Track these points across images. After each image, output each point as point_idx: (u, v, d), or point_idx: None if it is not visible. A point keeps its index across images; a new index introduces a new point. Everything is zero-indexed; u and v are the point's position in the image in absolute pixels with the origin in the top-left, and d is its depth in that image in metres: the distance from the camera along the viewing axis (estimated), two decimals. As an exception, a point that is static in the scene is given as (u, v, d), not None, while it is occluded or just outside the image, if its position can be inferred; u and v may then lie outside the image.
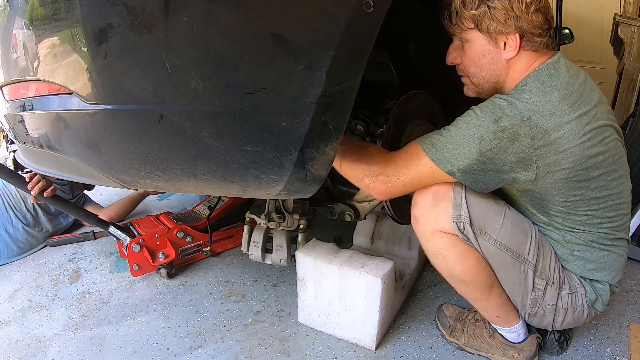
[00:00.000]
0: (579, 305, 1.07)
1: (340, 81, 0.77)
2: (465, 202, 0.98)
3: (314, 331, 1.36)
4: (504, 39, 0.95)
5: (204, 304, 1.52)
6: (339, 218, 1.26)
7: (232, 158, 0.79)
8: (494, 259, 1.02)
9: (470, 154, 0.91)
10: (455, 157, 0.92)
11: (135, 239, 1.65)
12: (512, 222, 1.02)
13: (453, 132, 0.93)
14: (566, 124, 0.89)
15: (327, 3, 0.73)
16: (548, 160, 0.91)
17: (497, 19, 0.93)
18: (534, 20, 0.93)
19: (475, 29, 0.96)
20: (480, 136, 0.90)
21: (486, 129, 0.90)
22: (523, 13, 0.92)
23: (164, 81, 0.73)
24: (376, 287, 1.19)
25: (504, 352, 1.18)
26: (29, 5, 0.80)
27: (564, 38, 2.73)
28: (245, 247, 1.48)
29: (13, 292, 1.67)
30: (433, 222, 1.01)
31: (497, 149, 0.90)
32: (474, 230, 0.99)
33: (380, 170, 0.99)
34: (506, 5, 0.92)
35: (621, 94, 3.19)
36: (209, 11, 0.69)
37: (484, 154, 0.90)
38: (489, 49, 0.98)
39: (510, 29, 0.93)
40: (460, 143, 0.92)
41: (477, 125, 0.91)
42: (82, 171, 0.94)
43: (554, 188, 0.96)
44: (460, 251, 1.01)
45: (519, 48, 0.95)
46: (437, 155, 0.94)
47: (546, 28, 0.95)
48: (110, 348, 1.32)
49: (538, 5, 0.93)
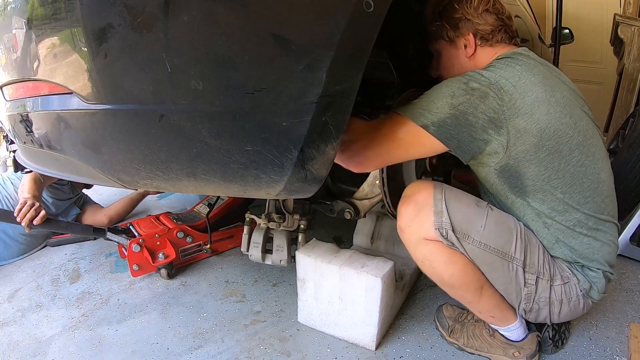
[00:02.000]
0: (574, 295, 1.08)
1: (341, 81, 0.77)
2: (445, 208, 1.01)
3: (314, 331, 1.36)
4: (463, 41, 1.11)
5: (204, 304, 1.52)
6: (339, 216, 1.26)
7: (232, 158, 0.79)
8: (481, 260, 1.03)
9: (442, 108, 0.96)
10: (428, 110, 0.97)
11: (135, 239, 1.65)
12: (495, 222, 1.04)
13: (426, 93, 1.00)
14: (531, 92, 0.96)
15: (327, 3, 0.73)
16: (517, 124, 0.95)
17: (453, 25, 1.10)
18: (484, 20, 1.08)
19: (440, 39, 1.14)
20: (451, 92, 0.96)
21: (457, 87, 0.97)
22: (472, 16, 1.08)
23: (164, 81, 0.73)
24: (376, 287, 1.19)
25: (505, 351, 1.18)
26: (29, 5, 0.80)
27: (564, 38, 2.73)
28: (245, 248, 1.48)
29: (13, 292, 1.67)
30: (417, 231, 1.04)
31: (468, 104, 0.95)
32: (457, 235, 1.01)
33: (353, 138, 1.01)
34: (458, 13, 1.08)
35: (621, 94, 3.19)
36: (209, 11, 0.69)
37: (456, 107, 0.95)
38: (453, 52, 1.14)
39: (464, 31, 1.10)
40: (432, 99, 0.98)
41: (447, 85, 0.99)
42: (82, 171, 0.94)
43: (526, 158, 0.99)
44: (446, 256, 1.03)
45: (475, 46, 1.10)
46: (410, 111, 0.99)
47: (499, 25, 1.09)
48: (110, 348, 1.32)
49: (486, 7, 1.08)
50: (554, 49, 2.57)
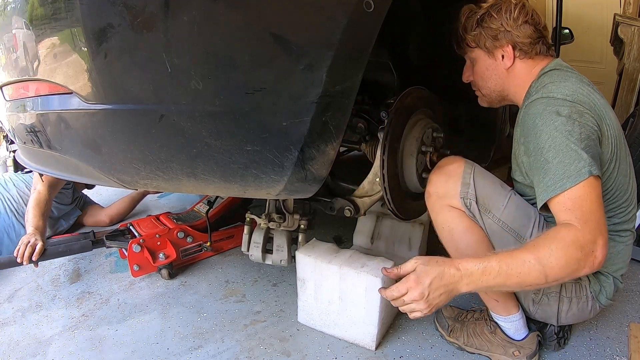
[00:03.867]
0: (583, 295, 1.09)
1: (341, 81, 0.77)
2: (472, 182, 1.05)
3: (314, 331, 1.36)
4: (500, 52, 1.09)
5: (204, 304, 1.52)
6: (339, 213, 1.26)
7: (232, 158, 0.79)
8: (497, 237, 1.06)
9: (576, 150, 0.89)
10: (571, 163, 0.88)
11: (135, 239, 1.65)
12: (516, 206, 1.06)
13: (551, 155, 0.91)
14: (595, 99, 0.97)
15: (327, 3, 0.73)
16: (604, 131, 0.96)
17: (491, 36, 1.08)
18: (523, 32, 1.06)
19: (476, 47, 1.12)
20: (565, 132, 0.90)
21: (559, 124, 0.92)
22: (512, 27, 1.05)
23: (164, 81, 0.73)
24: (376, 287, 1.18)
25: (505, 350, 1.18)
26: (29, 5, 0.80)
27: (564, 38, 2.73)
28: (246, 248, 1.48)
29: (13, 292, 1.67)
30: (443, 197, 1.08)
31: (579, 127, 0.91)
32: (479, 208, 1.04)
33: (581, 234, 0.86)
34: (497, 24, 1.06)
35: (621, 94, 3.19)
36: (209, 11, 0.69)
37: (581, 139, 0.90)
38: (490, 62, 1.12)
39: (503, 43, 1.08)
40: (563, 154, 0.90)
41: (552, 132, 0.92)
42: (82, 171, 0.94)
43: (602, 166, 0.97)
44: (466, 225, 1.07)
45: (513, 57, 1.08)
46: (564, 180, 0.89)
47: (537, 37, 1.07)
48: (110, 348, 1.32)
49: (525, 18, 1.05)
50: (554, 49, 2.57)
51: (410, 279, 0.90)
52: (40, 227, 1.69)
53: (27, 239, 1.59)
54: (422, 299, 0.88)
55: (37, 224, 1.70)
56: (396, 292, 0.91)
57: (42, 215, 1.75)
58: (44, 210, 1.78)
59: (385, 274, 0.99)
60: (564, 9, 2.30)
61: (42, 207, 1.78)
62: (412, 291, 0.89)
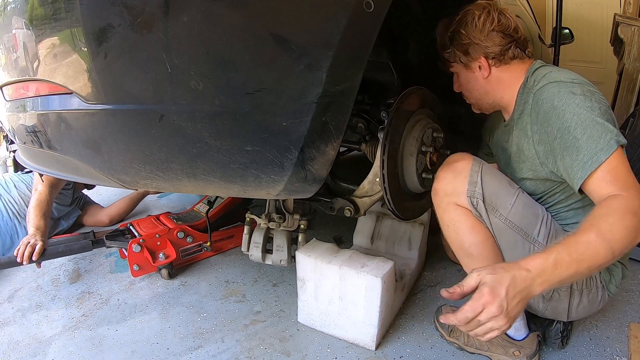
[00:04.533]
0: (594, 286, 1.09)
1: (341, 81, 0.77)
2: (480, 180, 1.04)
3: (314, 331, 1.36)
4: (476, 64, 1.12)
5: (204, 304, 1.52)
6: (339, 213, 1.26)
7: (232, 158, 0.79)
8: (504, 236, 1.05)
9: (602, 123, 0.91)
10: (605, 133, 0.90)
11: (135, 239, 1.65)
12: (524, 205, 1.06)
13: (579, 132, 0.92)
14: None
15: (327, 3, 0.73)
16: None
17: (463, 52, 1.11)
18: (492, 42, 1.08)
19: (454, 63, 1.15)
20: (587, 107, 0.92)
21: (580, 101, 0.93)
22: (480, 40, 1.08)
23: (164, 81, 0.73)
24: (376, 287, 1.19)
25: (505, 350, 1.18)
26: (29, 5, 0.80)
27: (564, 38, 2.73)
28: (246, 248, 1.48)
29: (13, 292, 1.67)
30: (450, 195, 1.07)
31: (597, 102, 0.93)
32: (486, 207, 1.04)
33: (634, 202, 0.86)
34: (466, 39, 1.09)
35: (621, 94, 3.19)
36: (209, 11, 0.69)
37: (600, 112, 0.92)
38: (469, 74, 1.15)
39: (475, 56, 1.11)
40: (591, 129, 0.91)
41: (575, 109, 0.93)
42: (82, 171, 0.94)
43: None
44: (472, 224, 1.06)
45: (489, 67, 1.11)
46: (604, 149, 0.89)
47: (507, 43, 1.08)
48: (110, 348, 1.32)
49: (491, 27, 1.07)
50: (554, 49, 2.57)
51: (484, 293, 0.76)
52: (41, 227, 1.69)
53: (28, 240, 1.60)
54: (501, 313, 0.75)
55: (39, 224, 1.70)
56: (471, 313, 0.77)
57: (43, 215, 1.75)
58: (45, 211, 1.78)
59: (447, 296, 0.81)
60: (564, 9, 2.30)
61: (43, 207, 1.78)
62: (490, 307, 0.75)
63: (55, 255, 1.67)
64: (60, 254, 1.67)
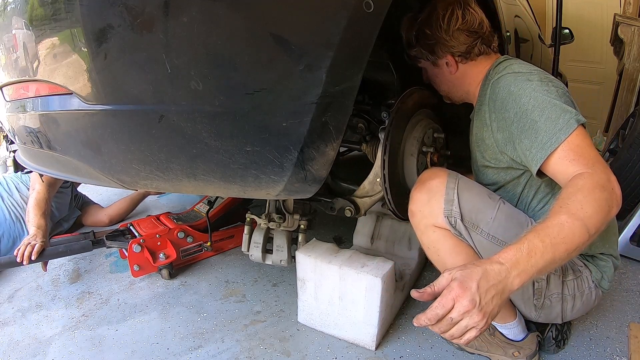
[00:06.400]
0: (586, 288, 1.08)
1: (341, 81, 0.77)
2: (457, 197, 1.00)
3: (314, 331, 1.36)
4: (443, 61, 1.13)
5: (204, 304, 1.52)
6: (339, 213, 1.26)
7: (232, 158, 0.79)
8: (488, 253, 1.01)
9: (559, 104, 0.91)
10: (563, 113, 0.90)
11: (136, 239, 1.65)
12: (506, 216, 1.03)
13: (537, 114, 0.92)
14: None
15: (327, 3, 0.73)
16: None
17: (429, 51, 1.13)
18: (457, 40, 1.09)
19: (421, 60, 1.17)
20: (544, 91, 0.93)
21: (536, 85, 0.95)
22: (446, 39, 1.09)
23: (164, 81, 0.73)
24: (376, 287, 1.19)
25: (504, 351, 1.18)
26: (29, 6, 0.80)
27: (564, 38, 2.73)
28: (246, 248, 1.48)
29: (13, 292, 1.67)
30: (427, 217, 1.04)
31: (554, 86, 0.95)
32: (466, 225, 1.00)
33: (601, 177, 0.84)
34: (431, 39, 1.10)
35: (621, 94, 3.19)
36: (209, 11, 0.69)
37: (557, 94, 0.93)
38: (436, 70, 1.17)
39: (441, 54, 1.12)
40: (548, 110, 0.91)
41: (531, 93, 0.94)
42: (82, 171, 0.94)
43: None
44: (452, 245, 1.04)
45: (456, 64, 1.12)
46: (563, 129, 0.89)
47: (473, 40, 1.09)
48: (110, 348, 1.32)
49: (456, 26, 1.07)
50: (554, 49, 2.57)
51: (453, 287, 0.72)
52: (42, 226, 1.69)
53: (29, 240, 1.60)
54: (474, 307, 0.70)
55: (39, 223, 1.69)
56: (440, 309, 0.72)
57: (43, 214, 1.75)
58: (44, 210, 1.77)
59: (417, 297, 0.77)
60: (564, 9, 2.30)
61: (43, 206, 1.78)
62: (461, 300, 0.71)
63: (55, 255, 1.67)
64: (60, 254, 1.67)
